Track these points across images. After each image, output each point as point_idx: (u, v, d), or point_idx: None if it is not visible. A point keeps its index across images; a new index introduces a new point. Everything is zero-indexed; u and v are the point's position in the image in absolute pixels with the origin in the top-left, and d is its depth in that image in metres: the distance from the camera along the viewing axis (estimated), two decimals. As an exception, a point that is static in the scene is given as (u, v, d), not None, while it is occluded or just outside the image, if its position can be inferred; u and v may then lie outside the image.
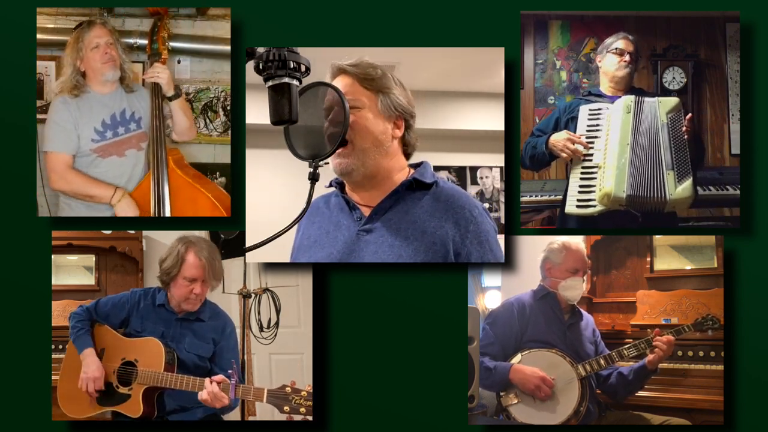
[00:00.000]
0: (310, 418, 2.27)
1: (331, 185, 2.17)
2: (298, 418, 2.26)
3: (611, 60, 2.44)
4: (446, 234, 2.02)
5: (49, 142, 2.44)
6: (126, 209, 2.44)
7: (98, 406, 2.36)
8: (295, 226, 2.15)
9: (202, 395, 2.29)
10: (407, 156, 2.14)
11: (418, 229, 2.03)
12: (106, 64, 2.45)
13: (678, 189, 2.40)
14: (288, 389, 2.26)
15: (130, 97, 2.49)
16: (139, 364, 2.35)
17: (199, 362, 2.37)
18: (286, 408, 2.25)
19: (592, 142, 2.44)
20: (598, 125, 2.44)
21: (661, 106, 2.43)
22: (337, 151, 2.04)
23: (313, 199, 2.07)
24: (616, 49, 2.43)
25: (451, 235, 2.02)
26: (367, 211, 2.09)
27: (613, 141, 2.43)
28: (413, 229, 2.03)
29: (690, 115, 2.42)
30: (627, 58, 2.43)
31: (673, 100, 2.43)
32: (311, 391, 2.27)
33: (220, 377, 2.29)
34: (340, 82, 2.08)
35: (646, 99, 2.43)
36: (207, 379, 2.30)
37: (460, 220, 2.03)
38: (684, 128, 2.42)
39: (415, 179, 2.08)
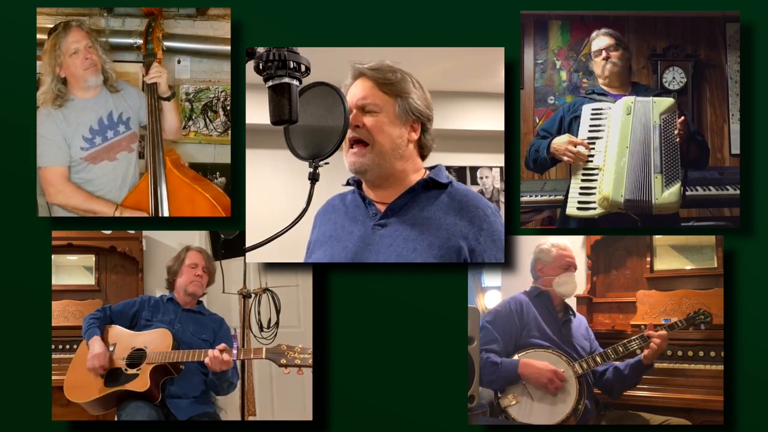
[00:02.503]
0: (306, 371, 2.31)
1: (348, 183, 2.19)
2: (294, 371, 2.30)
3: (596, 63, 2.44)
4: (461, 231, 2.04)
5: (41, 157, 2.40)
6: None
7: (105, 387, 2.37)
8: (311, 225, 2.19)
9: (207, 359, 2.34)
10: (422, 158, 2.16)
11: (433, 225, 2.05)
12: (88, 70, 2.40)
13: (664, 194, 2.39)
14: (283, 347, 2.32)
15: (115, 98, 2.45)
16: (149, 350, 2.39)
17: (203, 345, 2.40)
18: (283, 361, 2.30)
19: (594, 143, 2.44)
20: (600, 125, 2.44)
21: (654, 107, 2.41)
22: (353, 150, 2.07)
23: (314, 198, 2.06)
24: (596, 51, 2.43)
25: (465, 233, 2.04)
26: (382, 208, 2.11)
27: (612, 143, 2.42)
28: (428, 225, 2.05)
29: (683, 118, 2.41)
30: (604, 54, 2.42)
31: (667, 101, 2.42)
32: (305, 347, 2.31)
33: (223, 345, 2.35)
34: (359, 85, 2.10)
35: (642, 99, 2.42)
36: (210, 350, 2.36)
37: (475, 218, 2.06)
38: (677, 131, 2.41)
39: (431, 179, 2.10)
